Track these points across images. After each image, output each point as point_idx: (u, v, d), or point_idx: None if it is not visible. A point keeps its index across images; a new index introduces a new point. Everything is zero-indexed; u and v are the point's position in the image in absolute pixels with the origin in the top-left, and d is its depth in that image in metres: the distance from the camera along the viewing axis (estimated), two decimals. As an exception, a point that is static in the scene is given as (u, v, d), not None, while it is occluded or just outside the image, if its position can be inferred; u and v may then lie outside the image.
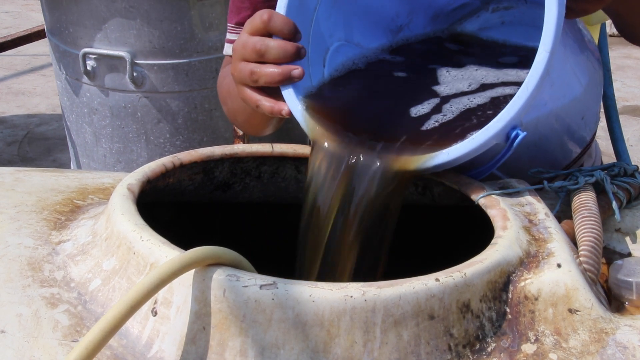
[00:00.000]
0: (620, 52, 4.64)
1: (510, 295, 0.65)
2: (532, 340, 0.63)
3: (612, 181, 0.82)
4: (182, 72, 2.11)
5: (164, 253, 0.63)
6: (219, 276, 0.60)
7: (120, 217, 0.69)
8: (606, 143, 1.28)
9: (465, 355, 0.61)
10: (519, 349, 0.62)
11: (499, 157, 0.77)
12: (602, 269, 0.72)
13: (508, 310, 0.65)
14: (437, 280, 0.61)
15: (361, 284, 0.60)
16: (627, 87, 4.18)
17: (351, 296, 0.59)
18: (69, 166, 2.61)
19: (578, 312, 0.64)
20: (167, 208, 0.84)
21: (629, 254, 0.78)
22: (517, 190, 0.77)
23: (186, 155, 0.83)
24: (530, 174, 0.85)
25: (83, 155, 2.32)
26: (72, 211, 0.81)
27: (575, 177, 0.81)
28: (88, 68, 2.13)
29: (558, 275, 0.65)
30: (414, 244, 0.87)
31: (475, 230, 0.77)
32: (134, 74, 2.09)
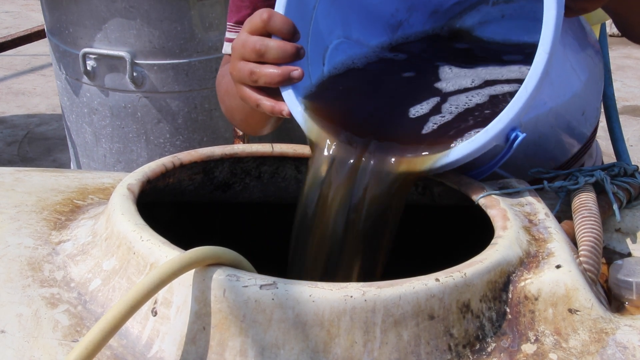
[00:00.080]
0: (620, 52, 4.64)
1: (510, 295, 0.65)
2: (532, 340, 0.63)
3: (612, 181, 0.82)
4: (182, 72, 2.11)
5: (164, 253, 0.63)
6: (219, 276, 0.60)
7: (120, 217, 0.69)
8: (606, 143, 1.28)
9: (465, 355, 0.61)
10: (519, 349, 0.62)
11: (499, 157, 0.77)
12: (602, 269, 0.72)
13: (508, 310, 0.65)
14: (437, 280, 0.61)
15: (361, 284, 0.60)
16: (627, 87, 4.18)
17: (351, 296, 0.59)
18: (69, 166, 2.61)
19: (578, 312, 0.64)
20: (167, 208, 0.84)
21: (629, 254, 0.78)
22: (517, 190, 0.77)
23: (186, 155, 0.83)
24: (530, 174, 0.84)
25: (83, 155, 2.32)
26: (72, 211, 0.81)
27: (575, 177, 0.81)
28: (88, 68, 2.13)
29: (558, 275, 0.65)
30: (414, 244, 0.87)
31: (475, 230, 0.77)
32: (134, 74, 2.09)
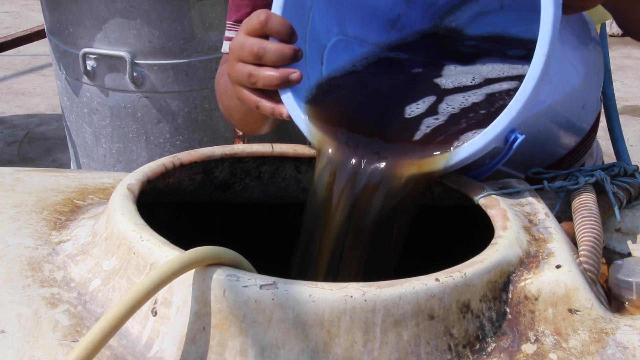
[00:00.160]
0: (620, 52, 4.64)
1: (510, 295, 0.65)
2: (532, 340, 0.63)
3: (612, 181, 0.82)
4: (182, 72, 2.11)
5: (164, 253, 0.63)
6: (219, 276, 0.60)
7: (120, 217, 0.69)
8: (606, 143, 1.28)
9: (465, 355, 0.61)
10: (519, 349, 0.62)
11: (498, 159, 0.77)
12: (602, 269, 0.72)
13: (508, 310, 0.65)
14: (437, 280, 0.61)
15: (361, 284, 0.60)
16: (627, 87, 4.18)
17: (351, 296, 0.59)
18: (69, 166, 2.61)
19: (578, 312, 0.64)
20: (167, 208, 0.84)
21: (629, 254, 0.78)
22: (517, 190, 0.77)
23: (186, 155, 0.83)
24: (530, 174, 0.84)
25: (83, 155, 2.32)
26: (72, 211, 0.81)
27: (575, 177, 0.81)
28: (88, 68, 2.13)
29: (558, 275, 0.65)
30: (413, 243, 0.87)
31: (475, 230, 0.77)
32: (134, 74, 2.09)
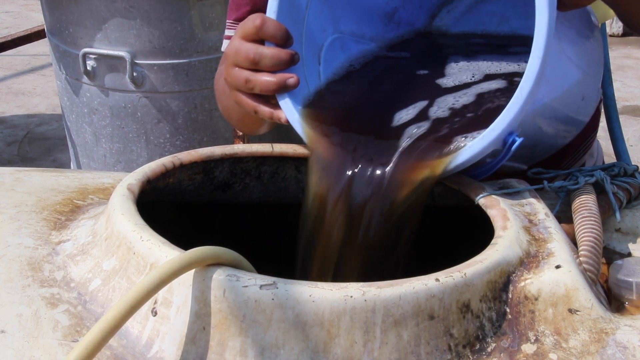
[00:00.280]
0: (620, 52, 4.64)
1: (510, 295, 0.65)
2: (532, 340, 0.63)
3: (612, 181, 0.82)
4: (182, 72, 2.11)
5: (164, 253, 0.63)
6: (219, 276, 0.60)
7: (120, 217, 0.69)
8: (606, 143, 1.28)
9: (465, 355, 0.61)
10: (519, 349, 0.62)
11: (497, 160, 0.77)
12: (602, 269, 0.72)
13: (508, 310, 0.65)
14: (437, 280, 0.61)
15: (361, 284, 0.60)
16: (627, 87, 4.18)
17: (351, 296, 0.59)
18: (69, 166, 2.61)
19: (578, 312, 0.64)
20: (167, 208, 0.84)
21: (629, 254, 0.78)
22: (517, 190, 0.77)
23: (186, 155, 0.83)
24: (530, 174, 0.84)
25: (83, 155, 2.32)
26: (72, 211, 0.81)
27: (575, 177, 0.81)
28: (88, 68, 2.13)
29: (558, 276, 0.65)
30: (414, 243, 0.87)
31: (475, 230, 0.77)
32: (134, 74, 2.09)
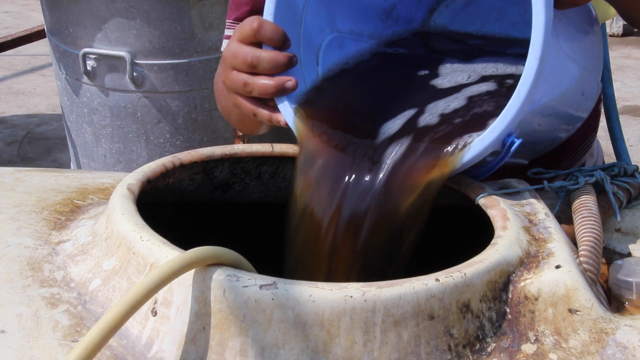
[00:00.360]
0: (620, 52, 4.64)
1: (510, 295, 0.65)
2: (532, 340, 0.63)
3: (612, 181, 0.82)
4: (182, 72, 2.11)
5: (164, 253, 0.63)
6: (219, 276, 0.60)
7: (120, 217, 0.69)
8: (606, 143, 1.28)
9: (465, 355, 0.61)
10: (519, 349, 0.62)
11: (496, 161, 0.77)
12: (602, 269, 0.72)
13: (508, 310, 0.65)
14: (437, 280, 0.61)
15: (361, 284, 0.60)
16: (627, 87, 4.18)
17: (351, 296, 0.59)
18: (69, 166, 2.62)
19: (578, 312, 0.64)
20: (167, 208, 0.84)
21: (629, 254, 0.78)
22: (517, 190, 0.77)
23: (186, 155, 0.83)
24: (530, 174, 0.84)
25: (83, 155, 2.32)
26: (72, 211, 0.81)
27: (575, 177, 0.81)
28: (88, 68, 2.13)
29: (558, 276, 0.65)
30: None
31: (475, 230, 0.77)
32: (134, 74, 2.09)
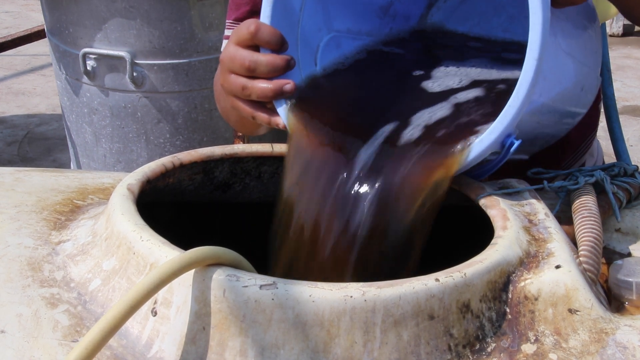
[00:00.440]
0: (620, 52, 4.64)
1: (510, 295, 0.65)
2: (532, 341, 0.63)
3: (612, 181, 0.82)
4: (182, 72, 2.11)
5: (164, 253, 0.63)
6: (219, 276, 0.60)
7: (120, 217, 0.69)
8: (606, 143, 1.28)
9: (465, 355, 0.61)
10: (519, 349, 0.62)
11: (495, 162, 0.77)
12: (602, 269, 0.72)
13: (508, 310, 0.65)
14: (437, 280, 0.61)
15: (361, 284, 0.60)
16: (627, 87, 4.18)
17: (351, 296, 0.59)
18: (69, 166, 2.61)
19: (578, 312, 0.64)
20: (167, 208, 0.84)
21: (629, 254, 0.78)
22: (517, 190, 0.77)
23: (186, 155, 0.83)
24: (530, 174, 0.84)
25: (83, 155, 2.32)
26: (72, 211, 0.81)
27: (575, 177, 0.81)
28: (88, 68, 2.13)
29: (558, 276, 0.65)
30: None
31: (475, 230, 0.77)
32: (134, 74, 2.09)
